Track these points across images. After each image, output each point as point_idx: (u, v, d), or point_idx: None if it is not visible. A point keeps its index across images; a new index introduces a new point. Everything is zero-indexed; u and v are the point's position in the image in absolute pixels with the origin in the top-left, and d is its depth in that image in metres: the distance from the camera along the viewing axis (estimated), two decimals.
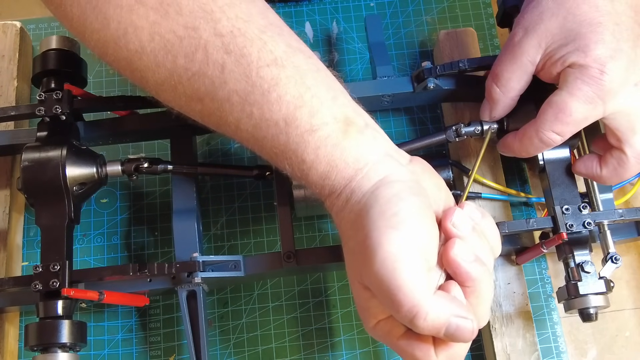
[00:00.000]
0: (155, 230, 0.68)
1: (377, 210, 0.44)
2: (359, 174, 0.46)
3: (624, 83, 0.51)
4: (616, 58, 0.50)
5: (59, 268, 0.55)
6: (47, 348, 0.54)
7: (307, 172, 0.47)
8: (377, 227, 0.43)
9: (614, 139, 0.55)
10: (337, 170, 0.46)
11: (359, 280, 0.46)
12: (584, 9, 0.51)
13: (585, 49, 0.51)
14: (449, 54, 0.70)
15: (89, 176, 0.59)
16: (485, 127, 0.60)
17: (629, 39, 0.51)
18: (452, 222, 0.46)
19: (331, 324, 0.65)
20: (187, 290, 0.58)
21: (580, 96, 0.51)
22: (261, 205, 0.69)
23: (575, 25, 0.51)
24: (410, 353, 0.45)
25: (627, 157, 0.55)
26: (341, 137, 0.46)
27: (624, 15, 0.51)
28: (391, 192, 0.45)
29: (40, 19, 0.77)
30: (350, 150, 0.46)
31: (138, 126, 0.63)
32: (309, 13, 0.78)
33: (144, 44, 0.46)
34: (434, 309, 0.42)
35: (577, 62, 0.51)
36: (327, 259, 0.60)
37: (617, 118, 0.53)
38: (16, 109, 0.62)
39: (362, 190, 0.46)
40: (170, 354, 0.64)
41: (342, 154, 0.46)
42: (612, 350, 0.63)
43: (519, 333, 0.60)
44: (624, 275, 0.65)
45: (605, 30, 0.51)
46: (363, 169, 0.46)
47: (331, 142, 0.46)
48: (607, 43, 0.50)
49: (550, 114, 0.53)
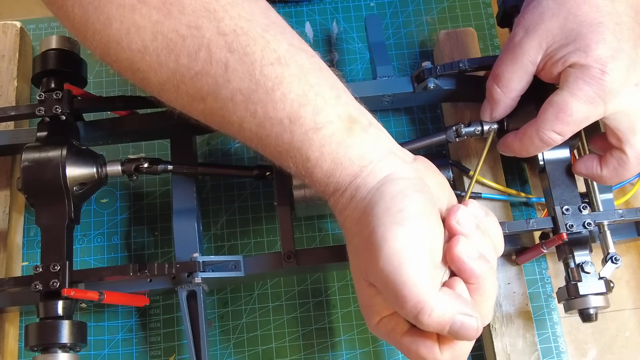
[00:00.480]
0: (155, 230, 0.68)
1: (382, 206, 0.44)
2: (364, 171, 0.46)
3: (625, 83, 0.51)
4: (617, 58, 0.50)
5: (59, 268, 0.55)
6: (47, 348, 0.54)
7: (311, 170, 0.47)
8: (382, 223, 0.44)
9: (614, 139, 0.55)
10: (341, 168, 0.46)
11: (363, 277, 0.46)
12: (585, 9, 0.51)
13: (586, 49, 0.51)
14: (449, 54, 0.70)
15: (89, 176, 0.59)
16: (485, 128, 0.60)
17: (629, 39, 0.51)
18: (457, 220, 0.46)
19: (331, 324, 0.65)
20: (187, 290, 0.58)
21: (581, 96, 0.51)
22: (261, 205, 0.69)
23: (576, 26, 0.51)
24: (415, 350, 0.45)
25: (627, 157, 0.55)
26: (345, 135, 0.46)
27: (625, 15, 0.51)
28: (396, 189, 0.45)
29: (40, 19, 0.77)
30: (354, 147, 0.46)
31: (138, 126, 0.63)
32: (309, 13, 0.78)
33: (147, 44, 0.46)
34: (439, 306, 0.42)
35: (578, 62, 0.51)
36: (327, 259, 0.60)
37: (617, 118, 0.53)
38: (16, 109, 0.62)
39: (367, 187, 0.46)
40: (170, 354, 0.64)
41: (347, 152, 0.46)
42: (612, 350, 0.63)
43: (519, 333, 0.60)
44: (624, 275, 0.66)
45: (606, 30, 0.51)
46: (368, 166, 0.46)
47: (336, 140, 0.46)
48: (608, 43, 0.51)
49: (551, 113, 0.53)
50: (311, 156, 0.46)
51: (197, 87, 0.47)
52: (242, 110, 0.47)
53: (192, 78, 0.47)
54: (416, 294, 0.42)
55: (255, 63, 0.46)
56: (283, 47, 0.47)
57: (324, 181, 0.47)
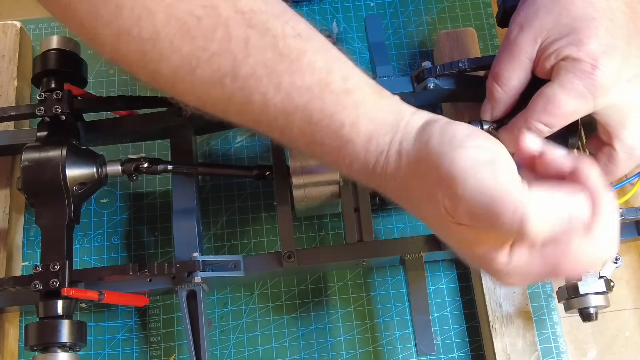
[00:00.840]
0: (155, 230, 0.68)
1: (435, 141, 0.43)
2: (402, 124, 0.45)
3: (617, 79, 0.51)
4: (609, 54, 0.51)
5: (59, 268, 0.55)
6: (47, 348, 0.54)
7: (347, 138, 0.45)
8: (443, 154, 0.42)
9: (604, 135, 0.55)
10: (381, 125, 0.45)
11: (448, 221, 0.43)
12: (579, 5, 0.52)
13: (578, 43, 0.51)
14: (449, 54, 0.70)
15: (89, 176, 0.59)
16: (485, 127, 0.60)
17: (623, 36, 0.51)
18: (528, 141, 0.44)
19: (331, 324, 0.65)
20: (187, 290, 0.58)
21: (570, 89, 0.51)
22: (261, 205, 0.69)
23: (569, 21, 0.52)
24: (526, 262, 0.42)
25: (617, 152, 0.54)
26: (377, 97, 0.45)
27: (619, 11, 0.52)
28: (440, 124, 0.44)
29: (40, 19, 0.77)
30: (388, 106, 0.45)
31: (138, 126, 0.63)
32: (309, 13, 0.78)
33: (159, 29, 0.44)
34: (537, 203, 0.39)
35: (571, 56, 0.51)
36: (327, 259, 0.60)
37: (608, 113, 0.53)
38: (16, 109, 0.62)
39: (411, 136, 0.44)
40: (170, 354, 0.64)
41: (382, 110, 0.45)
42: (612, 350, 0.63)
43: (519, 333, 0.60)
44: (624, 275, 0.66)
45: (599, 25, 0.51)
46: (404, 119, 0.45)
47: (370, 100, 0.45)
48: (600, 38, 0.51)
49: (540, 104, 0.53)
50: (346, 120, 0.45)
51: (213, 69, 0.45)
52: (265, 84, 0.45)
53: (208, 60, 0.45)
54: (511, 198, 0.39)
55: (278, 36, 0.44)
56: (301, 26, 0.46)
57: (363, 147, 0.45)
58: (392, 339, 0.64)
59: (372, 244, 0.61)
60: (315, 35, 0.46)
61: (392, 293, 0.66)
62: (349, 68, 0.46)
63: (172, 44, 0.45)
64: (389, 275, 0.66)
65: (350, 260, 0.62)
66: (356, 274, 0.67)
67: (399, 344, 0.64)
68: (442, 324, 0.65)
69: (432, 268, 0.66)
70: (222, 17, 0.44)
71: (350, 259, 0.61)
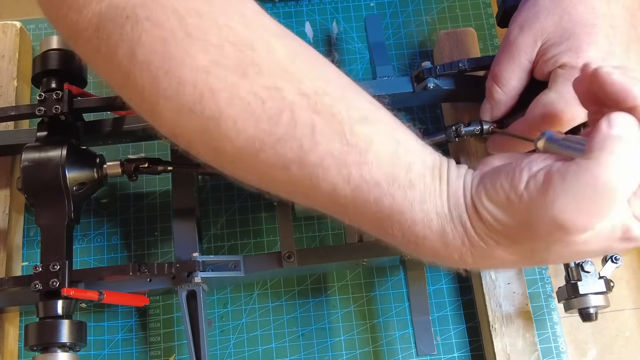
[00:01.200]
0: (155, 230, 0.68)
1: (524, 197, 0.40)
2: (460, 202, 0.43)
3: None
4: (608, 61, 0.50)
5: (59, 268, 0.55)
6: (47, 348, 0.54)
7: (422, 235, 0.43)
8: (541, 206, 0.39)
9: None
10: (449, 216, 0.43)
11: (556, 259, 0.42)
12: (580, 9, 0.51)
13: (577, 50, 0.51)
14: (448, 54, 0.70)
15: (89, 176, 0.59)
16: (485, 127, 0.60)
17: (622, 42, 0.51)
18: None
19: (331, 324, 0.65)
20: (187, 290, 0.58)
21: (568, 98, 0.51)
22: (261, 205, 0.69)
23: (570, 25, 0.51)
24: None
25: None
26: (437, 184, 0.43)
27: (620, 18, 0.51)
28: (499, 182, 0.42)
29: (40, 19, 0.77)
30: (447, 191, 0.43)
31: (138, 126, 0.63)
32: (309, 13, 0.78)
33: (222, 109, 0.43)
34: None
35: (569, 63, 0.51)
36: (327, 259, 0.60)
37: None
38: (16, 109, 0.62)
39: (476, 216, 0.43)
40: (170, 354, 0.64)
41: (442, 199, 0.43)
42: (612, 350, 0.63)
43: (519, 333, 0.60)
44: (624, 275, 0.66)
45: (599, 32, 0.51)
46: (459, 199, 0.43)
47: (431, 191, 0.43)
48: (599, 45, 0.50)
49: (538, 113, 0.53)
50: (417, 217, 0.43)
51: (279, 154, 0.43)
52: (333, 175, 0.43)
53: (274, 145, 0.43)
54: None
55: (344, 123, 0.43)
56: (365, 105, 0.44)
57: (439, 241, 0.43)
58: (392, 339, 0.64)
59: (372, 244, 0.61)
60: (378, 113, 0.45)
61: (392, 293, 0.66)
62: (412, 152, 0.44)
63: (236, 125, 0.43)
64: (389, 275, 0.66)
65: (350, 260, 0.62)
66: (356, 274, 0.67)
67: (399, 344, 0.64)
68: (442, 324, 0.65)
69: (432, 268, 0.66)
70: (286, 100, 0.42)
71: (350, 259, 0.61)
